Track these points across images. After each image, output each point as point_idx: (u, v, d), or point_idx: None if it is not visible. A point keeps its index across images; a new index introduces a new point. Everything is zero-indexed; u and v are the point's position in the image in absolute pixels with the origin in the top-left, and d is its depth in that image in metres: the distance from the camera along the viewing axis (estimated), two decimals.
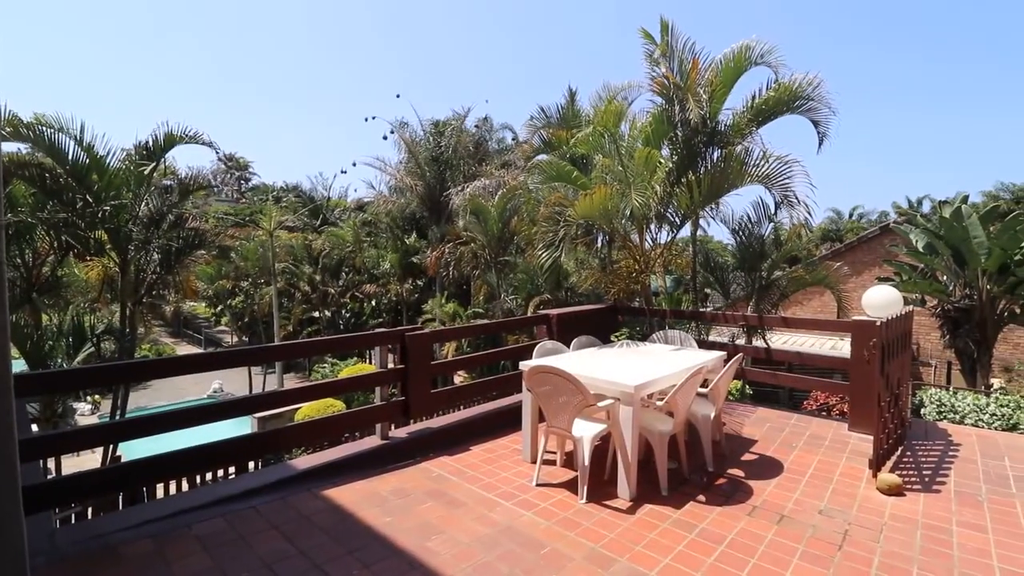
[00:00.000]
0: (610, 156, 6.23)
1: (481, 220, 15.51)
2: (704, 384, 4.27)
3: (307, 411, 10.07)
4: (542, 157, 9.64)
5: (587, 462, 3.48)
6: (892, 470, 3.87)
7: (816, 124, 6.66)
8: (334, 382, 4.90)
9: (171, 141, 10.22)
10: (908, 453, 4.25)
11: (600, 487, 3.66)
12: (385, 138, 24.14)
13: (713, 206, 8.34)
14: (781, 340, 17.86)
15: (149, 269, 10.96)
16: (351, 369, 18.53)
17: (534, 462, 3.90)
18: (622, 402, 3.50)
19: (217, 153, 12.72)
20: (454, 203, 17.91)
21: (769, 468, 4.02)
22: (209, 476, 4.84)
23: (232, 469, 4.85)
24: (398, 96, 35.20)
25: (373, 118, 24.52)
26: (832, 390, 7.90)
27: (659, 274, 9.02)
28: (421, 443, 4.36)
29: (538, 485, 3.72)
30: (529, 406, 4.09)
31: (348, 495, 3.52)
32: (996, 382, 13.50)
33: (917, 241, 12.19)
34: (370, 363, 13.11)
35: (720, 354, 4.48)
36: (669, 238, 7.39)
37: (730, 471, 4.00)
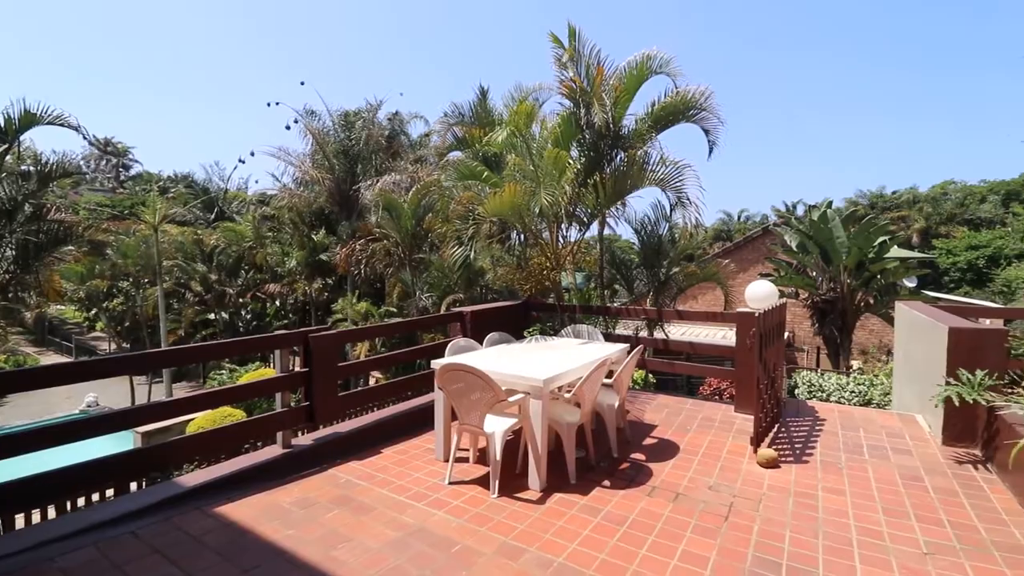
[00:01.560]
0: (522, 156, 6.35)
1: (394, 216, 15.12)
2: (609, 375, 4.50)
3: (200, 423, 9.22)
4: (456, 154, 9.59)
5: (499, 457, 3.53)
6: (770, 445, 4.32)
7: (707, 132, 7.25)
8: (226, 390, 4.53)
9: (29, 121, 8.87)
10: (783, 429, 4.77)
11: (512, 480, 3.73)
12: (288, 128, 22.70)
13: (620, 206, 8.80)
14: (680, 331, 19.26)
15: (1, 268, 9.46)
16: (253, 375, 17.27)
17: (447, 461, 3.88)
18: (532, 396, 3.58)
19: (85, 137, 11.24)
20: (365, 198, 17.31)
21: (667, 450, 4.32)
22: (82, 502, 4.28)
23: (111, 493, 4.33)
24: (303, 83, 33.02)
25: (276, 104, 22.97)
26: (722, 376, 8.65)
27: (570, 271, 9.35)
28: (328, 449, 4.18)
29: (451, 483, 3.71)
30: (441, 405, 4.06)
31: (245, 510, 3.29)
32: (855, 364, 15.56)
33: (791, 241, 13.69)
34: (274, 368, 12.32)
35: (624, 346, 4.74)
36: (578, 236, 7.69)
37: (633, 456, 4.24)
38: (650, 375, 12.63)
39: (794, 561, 2.75)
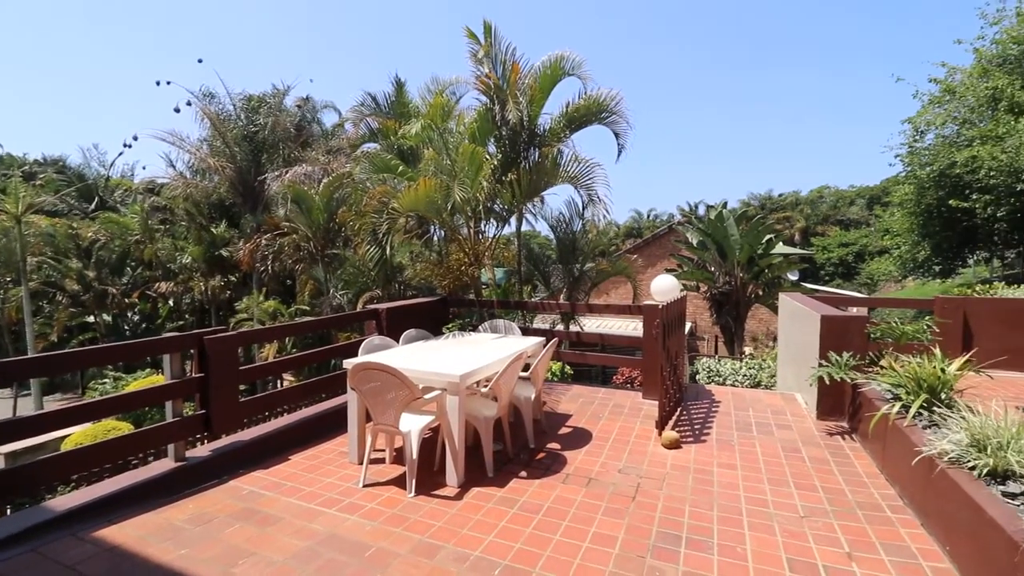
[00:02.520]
0: (438, 150, 6.27)
1: (304, 210, 14.34)
2: (526, 368, 4.59)
3: (78, 438, 8.21)
4: (370, 146, 9.27)
5: (415, 455, 3.48)
6: (673, 428, 4.64)
7: (617, 136, 7.59)
8: (106, 400, 4.01)
9: None
10: (685, 413, 5.14)
11: (430, 478, 3.69)
12: (178, 110, 20.70)
13: (538, 202, 8.99)
14: (597, 324, 20.07)
15: None
16: (143, 382, 15.63)
17: (361, 463, 3.76)
18: (449, 392, 3.57)
19: None
20: (272, 190, 16.21)
21: (581, 438, 4.50)
22: None
23: None
24: (200, 61, 30.23)
25: (168, 83, 20.87)
26: (630, 365, 9.12)
27: (489, 267, 9.40)
28: (229, 460, 3.88)
29: (365, 486, 3.60)
30: (355, 406, 3.92)
31: (129, 532, 2.97)
32: (748, 350, 17.09)
33: (693, 238, 14.74)
34: None
35: (540, 340, 4.85)
36: (497, 232, 7.74)
37: (549, 445, 4.37)
38: (567, 367, 13.07)
39: (693, 533, 2.97)
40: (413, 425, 3.54)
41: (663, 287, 5.03)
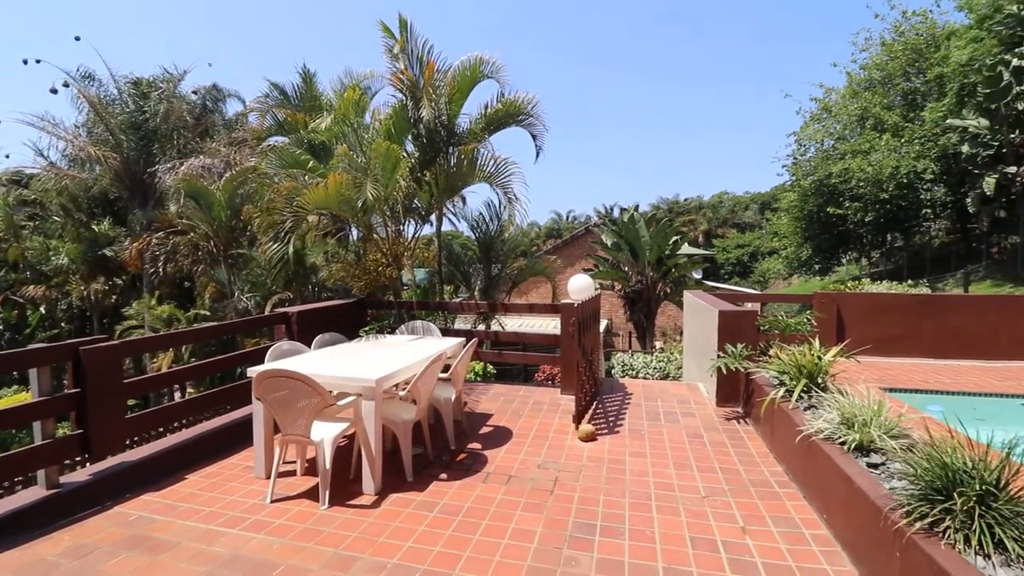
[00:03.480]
0: (351, 145, 6.04)
1: (204, 206, 13.20)
2: (446, 369, 4.55)
3: None
4: (278, 139, 8.74)
5: (329, 465, 3.33)
6: (589, 421, 4.81)
7: (535, 137, 7.75)
8: None
9: None
10: (600, 406, 5.35)
11: (346, 487, 3.55)
12: (55, 91, 18.25)
13: (459, 202, 8.95)
14: (519, 323, 20.35)
15: None
16: (9, 400, 13.62)
17: (269, 477, 3.53)
18: (364, 397, 3.45)
19: None
20: (165, 183, 14.76)
21: (502, 436, 4.54)
22: None
23: None
24: (78, 39, 26.72)
25: (37, 61, 18.32)
26: (549, 362, 9.37)
27: (408, 267, 9.22)
28: (113, 484, 3.49)
29: (274, 501, 3.39)
30: (261, 416, 3.68)
31: None
32: (658, 344, 18.16)
33: (608, 239, 15.40)
34: None
35: (460, 340, 4.83)
36: (417, 232, 7.60)
37: (470, 446, 4.36)
38: (489, 366, 13.14)
39: (606, 520, 3.10)
40: (326, 433, 3.38)
41: (579, 286, 5.21)
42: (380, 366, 3.74)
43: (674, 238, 14.68)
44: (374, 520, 3.15)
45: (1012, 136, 14.74)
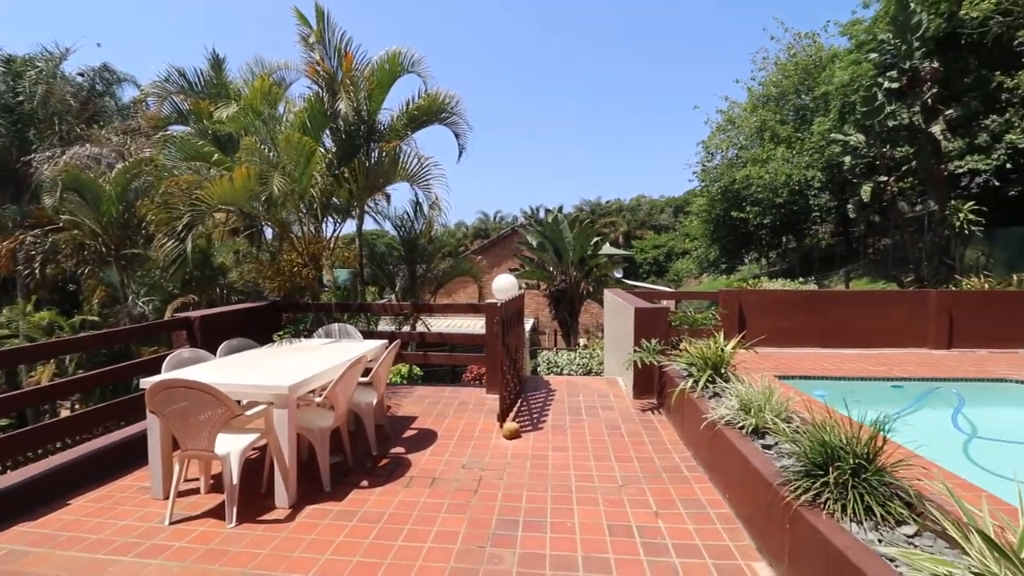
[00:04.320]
0: (262, 138, 5.69)
1: (91, 200, 11.85)
2: (367, 373, 4.41)
3: None
4: (180, 128, 8.04)
5: (236, 480, 3.11)
6: (514, 419, 4.87)
7: (457, 136, 7.72)
8: None
9: None
10: (524, 404, 5.43)
11: (256, 502, 3.34)
12: None
13: (382, 200, 8.69)
14: (445, 324, 20.16)
15: None
16: None
17: (168, 497, 3.24)
18: (276, 405, 3.26)
19: None
20: (43, 174, 13.08)
21: (426, 439, 4.48)
22: None
23: None
24: None
25: None
26: (474, 362, 9.38)
27: (328, 267, 8.83)
28: None
29: (173, 523, 3.12)
30: (157, 432, 3.37)
31: None
32: (582, 341, 18.74)
33: (533, 240, 15.66)
34: None
35: (381, 342, 4.70)
36: (336, 230, 7.29)
37: (393, 450, 4.26)
38: (416, 368, 12.90)
39: (529, 515, 3.16)
40: (233, 446, 3.16)
41: (503, 286, 5.25)
42: (294, 372, 3.55)
43: (595, 239, 15.23)
44: (288, 535, 2.99)
45: (884, 150, 16.77)
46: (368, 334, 5.81)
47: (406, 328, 7.98)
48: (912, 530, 2.07)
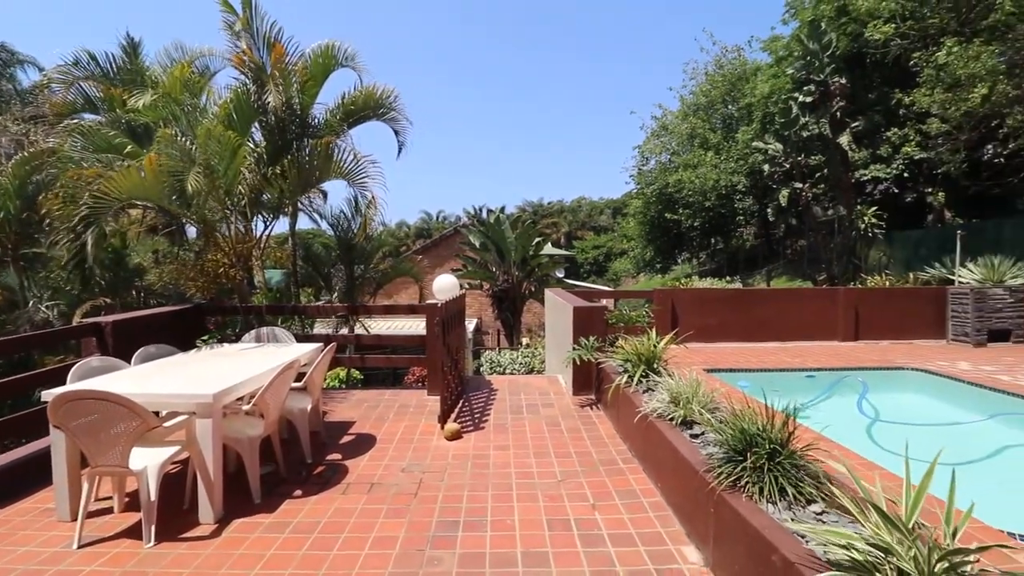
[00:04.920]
0: (183, 130, 5.33)
1: None
2: (301, 378, 4.25)
3: None
4: (90, 117, 7.37)
5: (154, 496, 2.90)
6: (455, 420, 4.85)
7: (397, 133, 7.56)
8: None
9: None
10: (466, 404, 5.43)
11: (178, 518, 3.13)
12: None
13: (319, 199, 8.36)
14: (386, 326, 19.73)
15: None
16: None
17: (76, 519, 2.97)
18: (199, 415, 3.07)
19: None
20: None
21: (364, 444, 4.37)
22: None
23: None
24: None
25: None
26: (419, 364, 9.25)
27: (258, 268, 8.41)
28: None
29: (83, 546, 2.86)
30: (62, 448, 3.08)
31: None
32: (525, 340, 18.93)
33: (476, 240, 15.65)
34: None
35: (316, 346, 4.54)
36: (268, 229, 6.95)
37: (329, 457, 4.13)
38: (355, 372, 12.53)
39: (470, 515, 3.16)
40: (150, 461, 2.95)
41: (443, 286, 5.22)
42: (219, 379, 3.36)
43: (537, 239, 15.43)
44: (213, 551, 2.82)
45: (799, 158, 18.15)
46: (303, 338, 5.60)
47: (344, 331, 7.72)
48: (820, 508, 2.26)
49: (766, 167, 19.87)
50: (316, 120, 7.02)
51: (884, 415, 5.46)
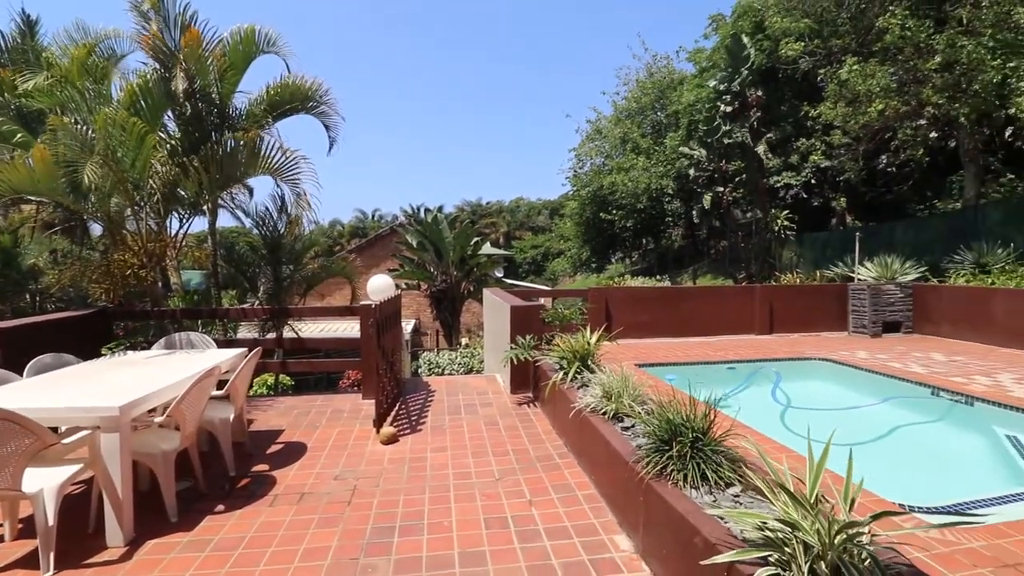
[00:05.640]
0: (84, 118, 4.85)
1: None
2: (223, 385, 3.99)
3: None
4: None
5: (53, 520, 2.62)
6: (392, 424, 4.75)
7: (328, 128, 7.29)
8: None
9: None
10: (403, 406, 5.33)
11: (83, 543, 2.85)
12: None
13: (242, 195, 7.86)
14: (319, 328, 18.97)
15: None
16: None
17: None
18: (104, 429, 2.81)
19: None
20: None
21: (294, 453, 4.18)
22: None
23: None
24: None
25: None
26: (354, 367, 8.98)
27: (173, 269, 7.83)
28: None
29: None
30: None
31: None
32: (464, 341, 18.86)
33: (413, 240, 15.40)
34: None
35: (239, 351, 4.29)
36: (185, 227, 6.47)
37: (255, 468, 3.91)
38: (285, 378, 11.94)
39: (406, 520, 3.10)
40: (47, 482, 2.66)
41: (378, 286, 5.09)
42: (127, 390, 3.09)
43: (476, 239, 15.41)
44: (124, 575, 2.60)
45: (721, 164, 19.33)
46: (225, 343, 5.28)
47: (271, 335, 7.33)
48: (737, 490, 2.42)
49: (692, 171, 20.98)
50: (238, 111, 6.64)
51: (795, 402, 5.93)
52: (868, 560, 1.66)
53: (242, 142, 5.67)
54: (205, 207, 6.57)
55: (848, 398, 6.25)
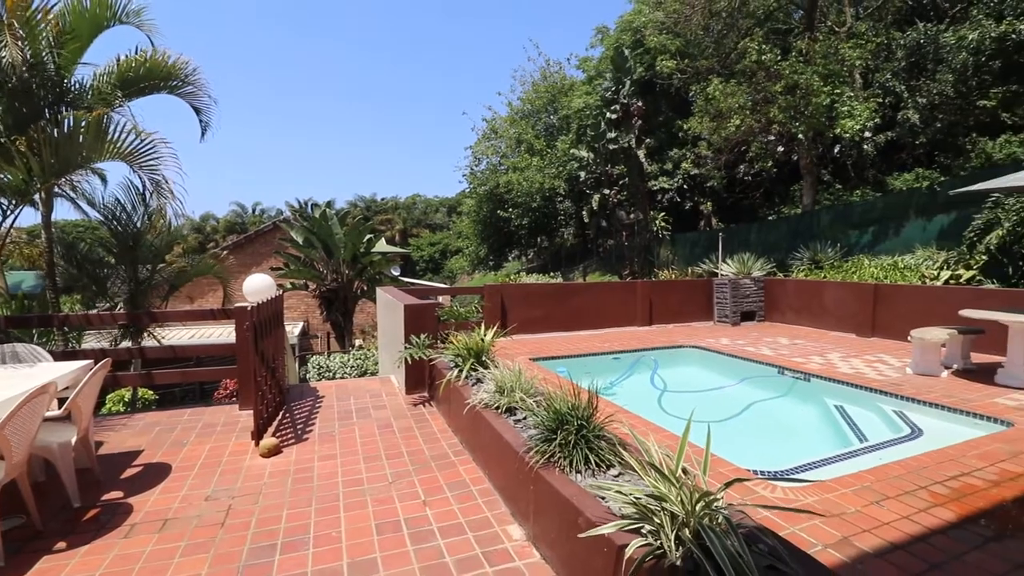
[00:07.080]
0: None
1: None
2: (62, 404, 3.43)
3: None
4: None
5: None
6: (274, 434, 4.42)
7: (198, 112, 6.56)
8: None
9: None
10: (287, 416, 4.98)
11: None
12: None
13: (94, 184, 6.76)
14: (188, 335, 17.10)
15: None
16: None
17: None
18: None
19: None
20: None
21: (155, 476, 3.72)
22: None
23: None
24: None
25: None
26: (221, 376, 8.22)
27: None
28: None
29: None
30: None
31: None
32: (358, 342, 18.08)
33: (299, 236, 14.45)
34: None
35: (83, 364, 3.71)
36: (9, 219, 5.44)
37: (106, 497, 3.42)
38: (147, 392, 10.58)
39: (289, 536, 2.91)
40: None
41: (256, 287, 4.70)
42: None
43: (369, 236, 14.83)
44: None
45: (607, 167, 20.59)
46: (67, 355, 4.55)
47: (127, 343, 6.40)
48: (617, 471, 2.60)
49: (581, 174, 22.09)
50: (80, 86, 5.73)
51: (670, 386, 6.50)
52: (723, 522, 1.88)
53: (84, 121, 4.89)
54: (37, 196, 5.59)
55: (714, 380, 6.99)
